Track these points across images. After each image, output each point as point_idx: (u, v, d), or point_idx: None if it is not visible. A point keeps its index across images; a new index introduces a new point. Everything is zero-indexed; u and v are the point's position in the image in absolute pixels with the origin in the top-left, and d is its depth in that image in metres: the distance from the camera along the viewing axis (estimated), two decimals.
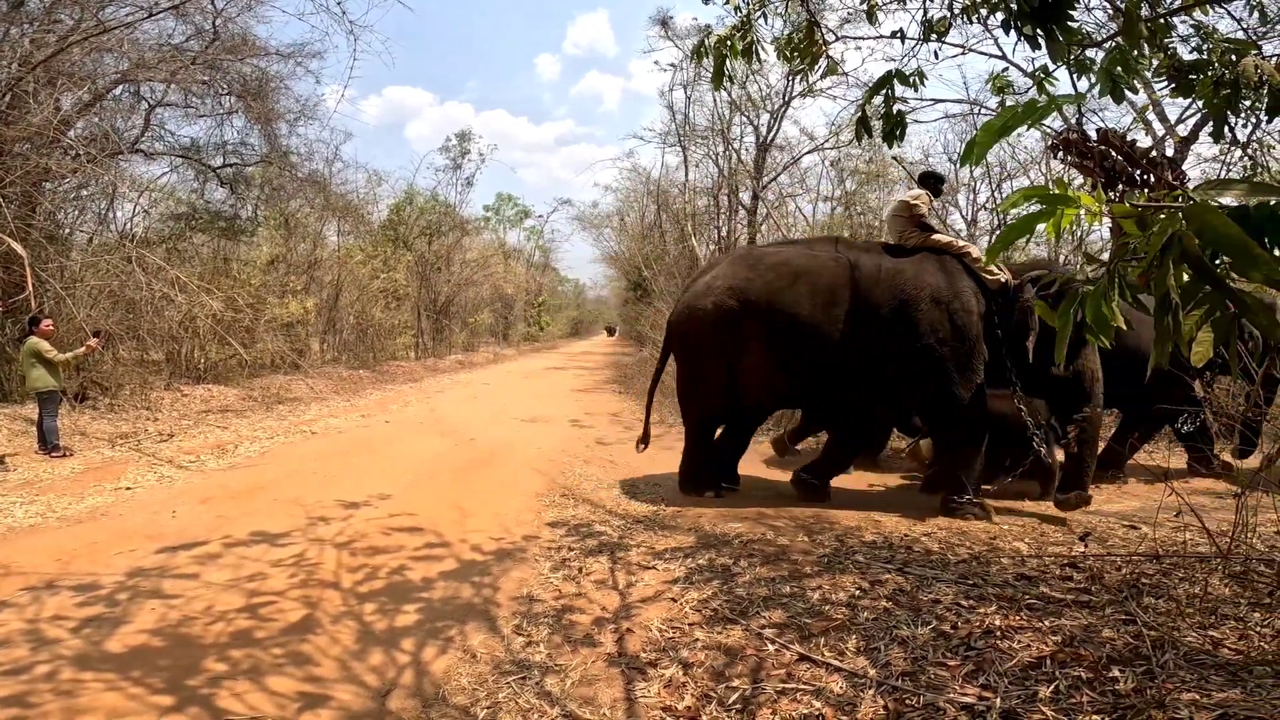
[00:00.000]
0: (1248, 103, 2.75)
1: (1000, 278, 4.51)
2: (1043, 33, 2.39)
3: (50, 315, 7.15)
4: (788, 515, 4.41)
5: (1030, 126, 1.50)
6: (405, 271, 18.46)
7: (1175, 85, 2.89)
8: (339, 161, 17.74)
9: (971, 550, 3.53)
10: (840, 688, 2.13)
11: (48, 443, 6.30)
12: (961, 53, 6.39)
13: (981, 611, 2.53)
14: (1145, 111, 7.17)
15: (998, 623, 2.40)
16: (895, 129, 3.19)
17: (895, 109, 3.16)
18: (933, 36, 3.59)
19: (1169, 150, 6.90)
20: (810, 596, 2.90)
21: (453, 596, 3.17)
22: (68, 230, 9.74)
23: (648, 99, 74.55)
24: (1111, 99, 2.73)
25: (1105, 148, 1.54)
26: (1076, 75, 2.88)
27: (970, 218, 12.65)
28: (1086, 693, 1.87)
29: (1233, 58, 2.69)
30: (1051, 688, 1.91)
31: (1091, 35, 4.57)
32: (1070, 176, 6.72)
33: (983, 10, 3.04)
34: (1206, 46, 2.99)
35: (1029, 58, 12.02)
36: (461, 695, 2.31)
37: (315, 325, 14.69)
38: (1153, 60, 2.93)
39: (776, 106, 13.49)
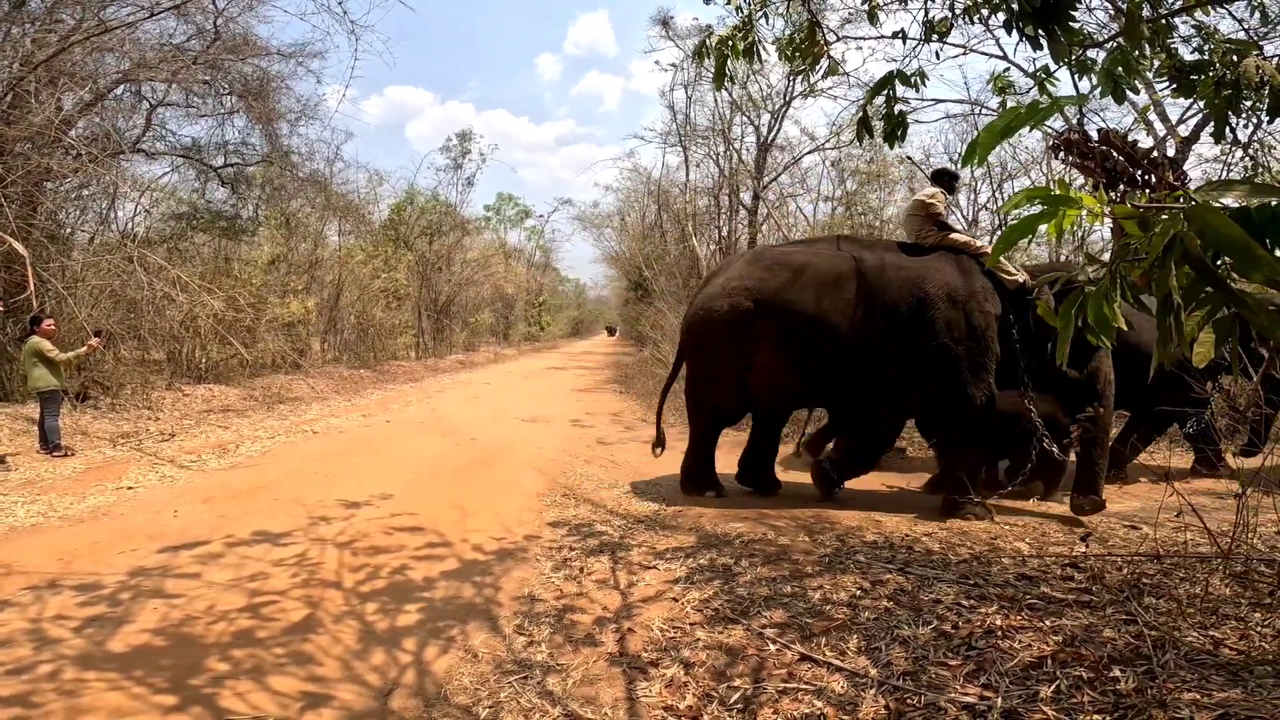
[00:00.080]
0: (1249, 103, 2.76)
1: (1018, 278, 4.46)
2: (1044, 33, 2.39)
3: (52, 315, 7.16)
4: (789, 515, 4.41)
5: (1033, 128, 1.50)
6: (406, 271, 18.49)
7: (1176, 86, 2.89)
8: (340, 161, 17.73)
9: (972, 550, 3.53)
10: (841, 687, 2.14)
11: (49, 442, 6.31)
12: (963, 53, 6.42)
13: (983, 611, 2.53)
14: (1146, 112, 7.17)
15: (999, 622, 2.41)
16: (896, 129, 3.20)
17: (896, 109, 3.17)
18: (934, 37, 3.60)
19: (1170, 151, 6.89)
20: (811, 596, 2.91)
21: (454, 596, 3.17)
22: (69, 230, 9.76)
23: (648, 99, 74.24)
24: (1113, 99, 2.74)
25: (1107, 148, 1.54)
26: (1078, 75, 2.89)
27: (971, 218, 12.66)
28: (1087, 692, 1.87)
29: (1234, 58, 2.70)
30: (1053, 687, 1.92)
31: (1093, 36, 4.58)
32: (1072, 177, 6.73)
33: (984, 10, 3.05)
34: (1208, 47, 3.00)
35: (1030, 58, 12.04)
36: (463, 695, 2.31)
37: (316, 325, 14.71)
38: (1154, 61, 2.93)
39: (777, 106, 13.52)
